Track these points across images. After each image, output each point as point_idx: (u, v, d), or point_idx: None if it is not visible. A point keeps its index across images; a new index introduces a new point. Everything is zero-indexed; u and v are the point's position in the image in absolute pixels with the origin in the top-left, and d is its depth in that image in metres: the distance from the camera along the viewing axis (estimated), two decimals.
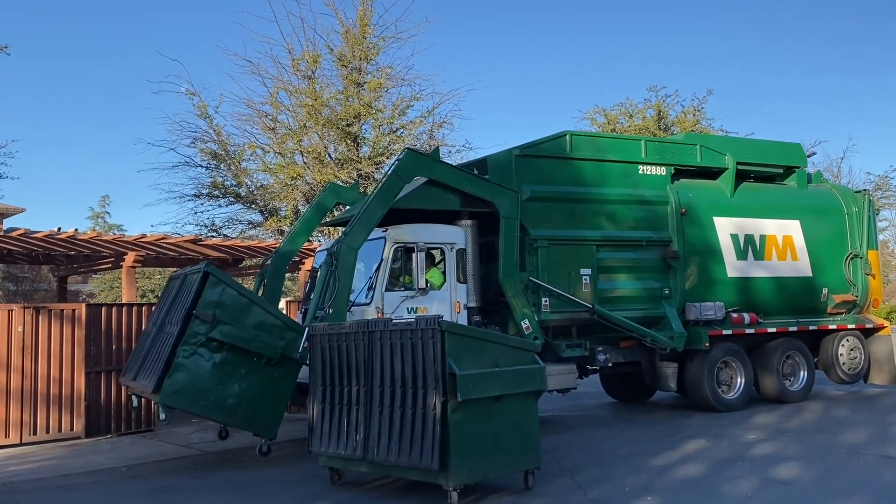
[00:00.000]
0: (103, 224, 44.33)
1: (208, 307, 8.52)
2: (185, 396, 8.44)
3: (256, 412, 8.76)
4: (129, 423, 11.77)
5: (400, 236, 10.14)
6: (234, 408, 8.66)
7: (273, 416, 8.88)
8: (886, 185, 45.38)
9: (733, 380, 12.54)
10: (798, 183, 14.20)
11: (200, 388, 8.48)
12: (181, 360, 8.40)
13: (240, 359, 8.67)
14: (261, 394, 8.76)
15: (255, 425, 8.86)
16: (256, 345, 8.70)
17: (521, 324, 10.53)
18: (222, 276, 8.85)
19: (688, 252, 12.32)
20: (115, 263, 14.59)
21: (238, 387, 8.66)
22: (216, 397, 8.55)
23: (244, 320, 8.71)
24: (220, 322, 8.53)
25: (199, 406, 8.58)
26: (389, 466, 7.03)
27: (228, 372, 8.61)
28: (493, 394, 6.92)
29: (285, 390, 8.97)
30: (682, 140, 13.58)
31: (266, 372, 8.79)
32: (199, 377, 8.47)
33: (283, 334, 8.86)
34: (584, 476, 7.96)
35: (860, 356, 13.80)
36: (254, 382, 8.73)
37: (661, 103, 32.47)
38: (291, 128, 22.03)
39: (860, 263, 14.01)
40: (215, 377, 8.55)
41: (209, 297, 8.56)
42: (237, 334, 8.61)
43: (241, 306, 8.74)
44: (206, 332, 8.48)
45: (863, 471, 7.88)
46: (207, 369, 8.52)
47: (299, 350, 8.70)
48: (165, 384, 8.33)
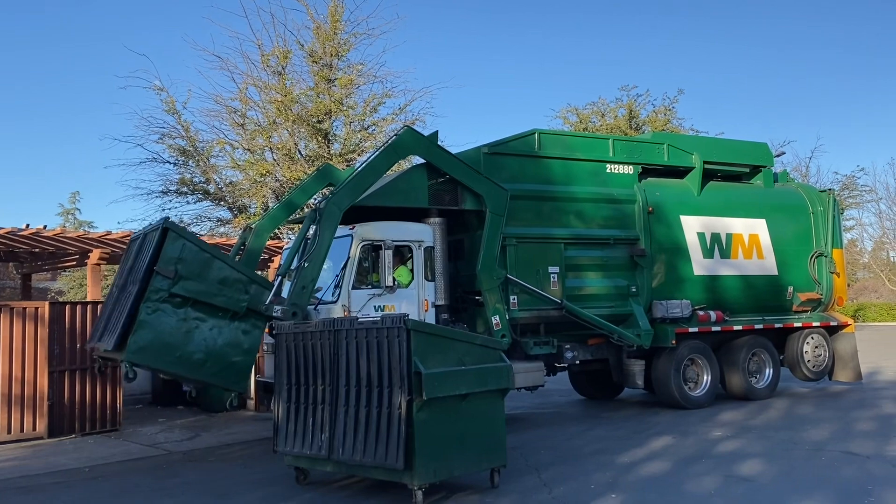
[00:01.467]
0: (73, 221, 43.76)
1: (169, 262, 8.33)
2: (150, 353, 8.26)
3: (224, 367, 8.65)
4: (93, 422, 11.59)
5: (367, 234, 10.09)
6: (201, 363, 8.50)
7: (241, 370, 8.78)
8: (853, 184, 46.18)
9: (700, 377, 12.65)
10: (764, 182, 14.36)
11: (166, 344, 8.32)
12: (144, 317, 8.20)
13: (204, 314, 8.53)
14: (228, 348, 8.65)
15: (223, 379, 8.73)
16: (220, 299, 8.59)
17: (492, 319, 10.55)
18: (182, 231, 8.75)
19: (655, 250, 12.41)
20: (80, 261, 14.37)
21: (204, 342, 8.53)
22: (182, 353, 8.39)
23: (207, 275, 8.56)
24: (181, 277, 8.37)
25: (166, 362, 8.40)
26: (355, 466, 7.00)
27: (193, 327, 8.47)
28: (458, 392, 6.91)
29: (252, 344, 8.91)
30: (649, 139, 13.67)
31: (232, 326, 8.68)
32: (163, 333, 8.30)
33: (248, 288, 8.76)
34: (550, 474, 7.98)
35: (825, 354, 13.98)
36: (220, 337, 8.61)
37: (633, 103, 32.77)
38: (261, 124, 21.90)
39: (825, 262, 14.19)
40: (180, 333, 8.39)
41: (170, 253, 8.37)
42: (200, 289, 8.47)
43: (202, 261, 8.58)
44: (169, 288, 8.31)
45: (825, 467, 7.98)
46: (172, 325, 8.35)
47: (265, 303, 8.65)
48: (130, 341, 8.14)
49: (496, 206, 10.83)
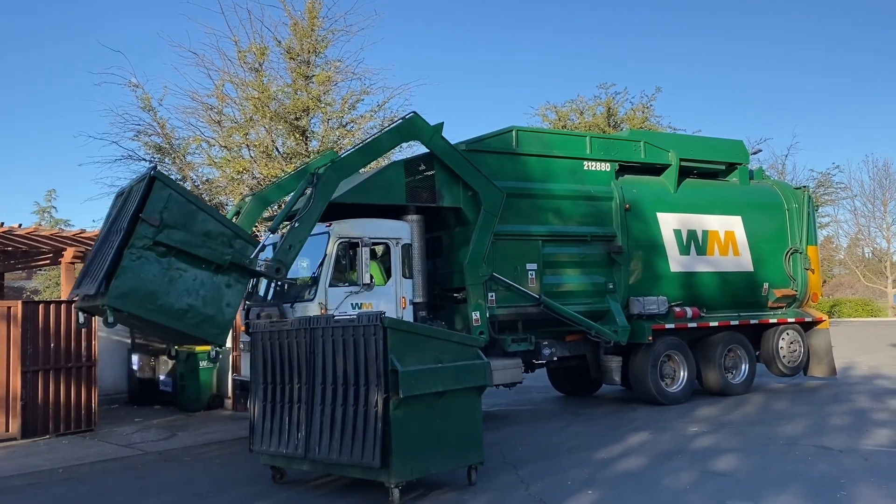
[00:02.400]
0: (49, 219, 43.27)
1: (155, 211, 8.24)
2: (132, 299, 8.14)
3: (205, 319, 8.55)
4: (67, 423, 11.46)
5: (344, 231, 10.05)
6: (182, 313, 8.41)
7: (221, 323, 8.71)
8: (829, 181, 46.64)
9: (676, 373, 12.73)
10: (740, 179, 14.46)
11: (148, 291, 8.22)
12: (128, 263, 8.10)
13: (188, 264, 8.47)
14: (210, 300, 8.58)
15: (204, 331, 8.63)
16: (204, 251, 8.52)
17: (472, 314, 10.57)
18: (169, 181, 8.69)
19: (632, 247, 12.47)
20: (54, 259, 14.22)
21: (187, 292, 8.45)
22: (164, 302, 8.29)
23: (192, 226, 8.48)
24: (167, 226, 8.28)
25: (147, 310, 8.25)
26: (331, 464, 6.98)
27: (176, 277, 8.39)
28: (435, 390, 6.90)
29: (234, 298, 8.84)
30: (626, 137, 13.73)
31: (215, 279, 8.64)
32: (146, 281, 8.20)
33: (232, 242, 8.72)
34: (527, 470, 7.99)
35: (800, 349, 14.12)
36: (202, 289, 8.55)
37: (611, 100, 32.84)
38: (238, 121, 21.70)
39: (800, 259, 14.34)
40: (163, 282, 8.30)
41: (156, 201, 8.27)
42: (185, 239, 8.39)
43: (188, 212, 8.51)
44: (153, 236, 8.21)
45: (798, 462, 8.06)
46: (155, 273, 8.26)
47: (249, 258, 8.70)
48: (113, 286, 8.03)
49: (491, 204, 10.93)
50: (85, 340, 11.65)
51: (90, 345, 11.71)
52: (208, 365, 13.60)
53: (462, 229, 11.26)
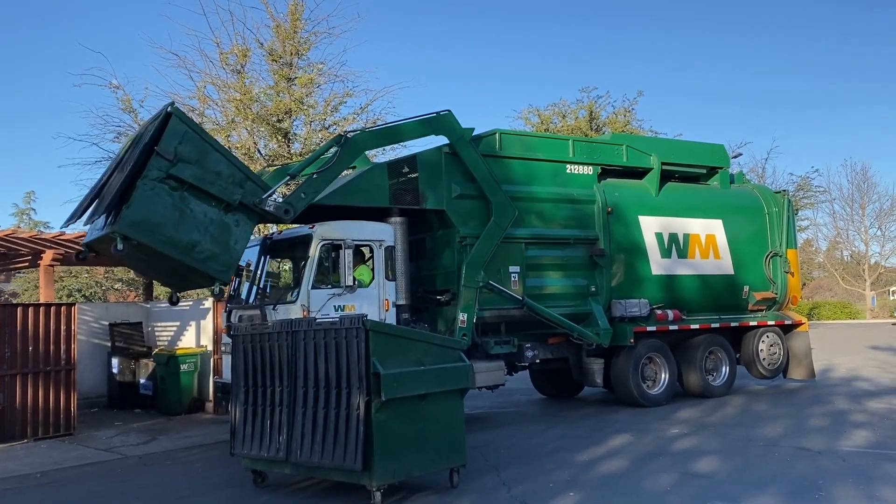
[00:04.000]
0: (28, 221, 42.79)
1: (170, 145, 8.40)
2: (143, 229, 8.30)
3: (212, 255, 8.76)
4: (46, 427, 11.34)
5: (327, 233, 10.02)
6: (190, 247, 8.59)
7: (228, 261, 8.93)
8: (808, 185, 47.11)
9: (658, 375, 12.80)
10: (721, 183, 14.57)
11: (159, 222, 8.38)
12: (140, 194, 8.25)
13: (199, 201, 8.66)
14: (218, 238, 8.79)
15: (210, 267, 8.77)
16: (216, 188, 8.71)
17: (461, 315, 10.61)
18: (186, 118, 8.87)
19: (614, 250, 12.52)
20: (33, 262, 14.05)
21: (196, 227, 8.64)
22: (173, 234, 8.46)
23: (205, 163, 8.67)
24: (181, 161, 8.45)
25: (157, 240, 8.40)
26: (313, 468, 6.95)
27: (187, 212, 8.57)
28: (417, 392, 6.89)
29: (241, 238, 9.08)
30: (608, 140, 13.79)
31: (224, 217, 8.86)
32: (157, 213, 8.38)
33: (243, 184, 8.93)
34: (509, 473, 8.00)
35: (779, 352, 14.23)
36: (211, 226, 8.76)
37: (593, 104, 33.02)
38: (219, 123, 21.60)
39: (780, 262, 14.45)
40: (174, 214, 8.48)
41: (172, 136, 8.45)
42: (197, 175, 8.57)
43: (203, 150, 8.70)
44: (167, 170, 8.38)
45: (778, 463, 8.12)
46: (166, 206, 8.43)
47: (259, 199, 8.93)
48: (125, 213, 8.16)
49: (502, 218, 11.20)
50: (64, 344, 11.54)
51: (69, 348, 11.60)
52: (189, 368, 13.54)
53: (445, 232, 11.28)
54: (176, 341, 14.81)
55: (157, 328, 15.46)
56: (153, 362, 14.02)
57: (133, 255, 8.86)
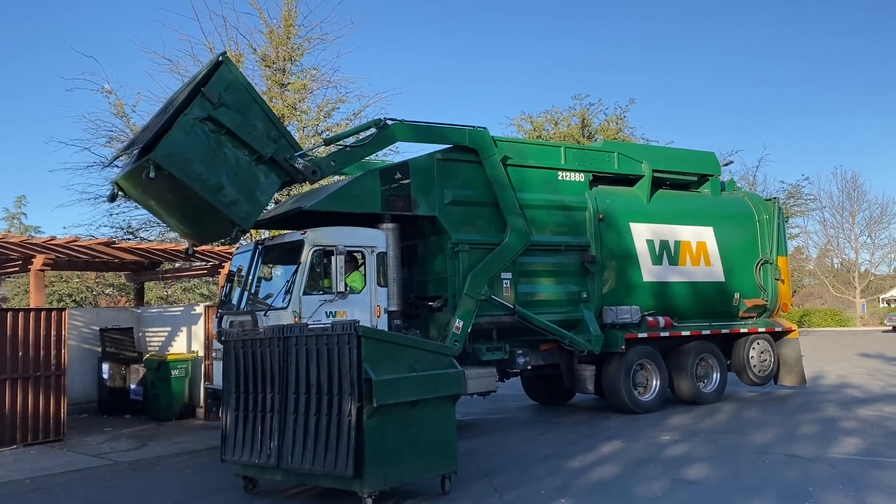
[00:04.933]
0: (19, 226, 42.61)
1: (217, 89, 8.82)
2: (176, 161, 8.57)
3: (237, 201, 9.08)
4: (35, 432, 11.26)
5: (319, 239, 10.01)
6: (218, 188, 8.90)
7: (250, 210, 9.27)
8: (798, 193, 47.34)
9: (649, 382, 12.82)
10: (712, 190, 14.62)
11: (192, 158, 8.70)
12: (180, 128, 8.62)
13: (233, 147, 9.02)
14: (245, 186, 9.13)
15: (233, 211, 9.07)
16: (252, 138, 9.07)
17: (457, 321, 10.62)
18: (236, 70, 9.25)
19: (605, 257, 12.55)
20: (24, 266, 13.97)
21: (226, 171, 8.96)
22: (203, 172, 8.77)
23: (246, 113, 9.08)
24: (223, 105, 8.85)
25: (187, 175, 8.67)
26: (304, 474, 6.94)
27: (220, 156, 8.92)
28: (409, 399, 6.89)
29: (267, 191, 9.46)
30: (600, 147, 13.82)
31: (254, 168, 9.23)
32: (192, 148, 8.70)
33: (278, 140, 9.33)
34: (501, 479, 8.00)
35: (770, 359, 14.28)
36: (241, 173, 9.09)
37: (585, 111, 33.16)
38: None
39: (770, 269, 14.51)
40: (208, 154, 8.81)
41: (219, 81, 8.88)
42: (237, 122, 8.96)
43: (246, 101, 9.13)
44: (209, 112, 8.77)
45: (769, 470, 8.15)
46: (202, 144, 8.79)
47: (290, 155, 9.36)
48: (162, 143, 8.50)
49: (516, 242, 11.39)
50: (54, 349, 11.48)
51: (60, 353, 11.54)
52: (180, 374, 13.49)
53: (437, 238, 11.28)
54: (167, 347, 14.77)
55: (148, 333, 15.41)
56: (144, 368, 13.96)
57: (159, 189, 9.11)
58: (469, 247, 11.15)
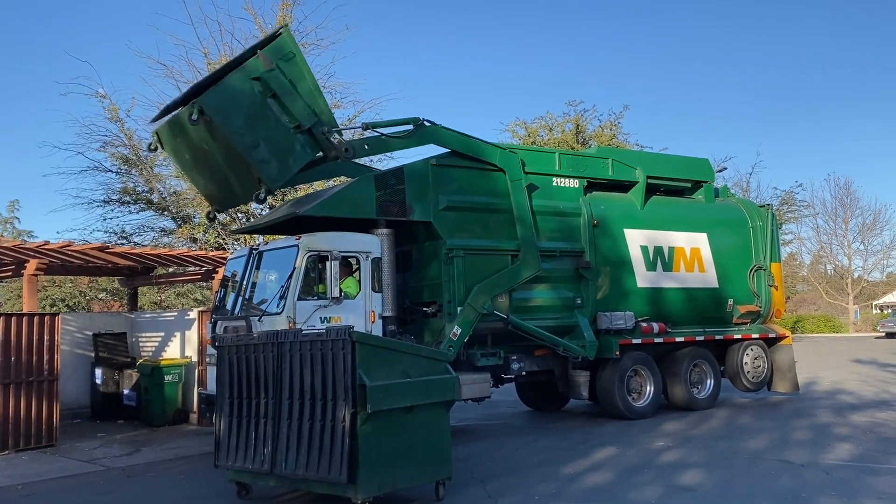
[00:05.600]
0: (12, 230, 42.48)
1: (274, 56, 9.46)
2: (220, 110, 9.11)
3: (269, 161, 9.54)
4: (27, 438, 11.21)
5: (314, 244, 10.00)
6: (254, 146, 9.37)
7: (279, 174, 9.74)
8: (792, 199, 47.47)
9: (643, 388, 12.83)
10: (705, 197, 14.66)
11: (236, 111, 9.25)
12: (231, 80, 9.25)
13: (276, 111, 9.51)
14: (280, 150, 9.61)
15: (265, 170, 9.52)
16: (296, 107, 9.59)
17: (455, 328, 10.68)
18: (293, 43, 9.92)
19: (600, 263, 12.56)
20: (17, 271, 13.91)
21: (265, 132, 9.46)
22: (243, 127, 9.29)
23: (295, 84, 9.66)
24: (276, 70, 9.44)
25: (228, 125, 9.20)
26: (298, 480, 6.92)
27: (263, 117, 9.43)
28: (404, 404, 6.88)
29: (300, 159, 9.93)
30: (594, 154, 13.84)
31: (293, 135, 9.69)
32: (238, 102, 9.28)
33: (321, 115, 9.87)
34: (495, 485, 7.99)
35: (763, 365, 14.31)
36: (279, 136, 9.58)
37: (580, 117, 33.21)
38: None
39: (764, 275, 14.55)
40: (251, 112, 9.35)
41: (278, 49, 9.57)
42: (285, 90, 9.52)
43: (299, 75, 9.76)
44: (261, 73, 9.36)
45: (762, 476, 8.16)
46: (248, 101, 9.32)
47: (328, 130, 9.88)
48: (211, 90, 9.19)
49: (526, 269, 11.57)
50: (47, 354, 11.44)
51: (52, 358, 11.50)
52: (173, 379, 13.46)
53: (432, 243, 11.28)
54: (160, 352, 14.72)
55: (142, 339, 15.37)
56: (137, 373, 13.92)
57: (197, 140, 9.62)
58: (464, 252, 11.14)
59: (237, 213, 21.39)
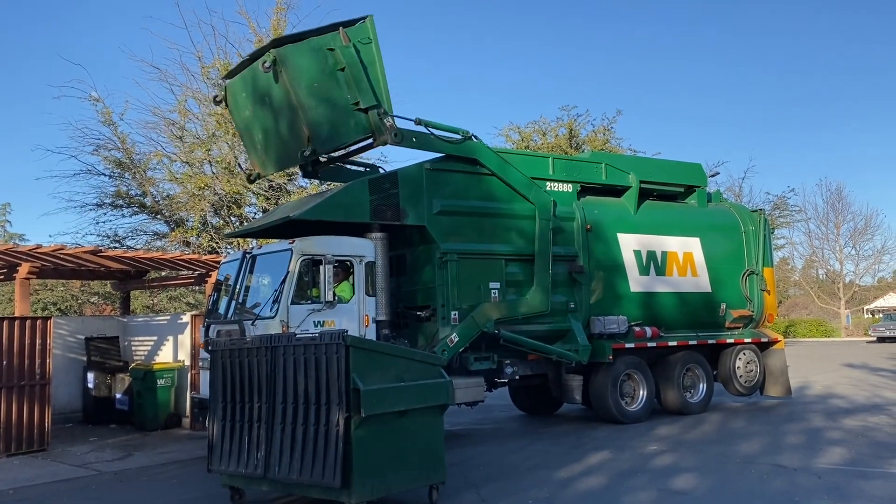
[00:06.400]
0: (3, 233, 42.34)
1: (354, 36, 10.29)
2: (294, 66, 9.98)
3: (324, 123, 10.27)
4: (19, 442, 11.14)
5: (307, 248, 9.99)
6: (313, 107, 10.07)
7: (328, 140, 10.41)
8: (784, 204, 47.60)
9: (636, 392, 12.85)
10: (698, 202, 14.71)
11: (306, 70, 10.13)
12: (309, 42, 10.17)
13: (342, 83, 10.23)
14: (335, 119, 10.33)
15: (315, 131, 10.17)
16: (360, 86, 10.22)
17: (452, 334, 10.77)
18: (374, 33, 10.62)
19: (593, 267, 12.59)
20: (9, 275, 13.85)
21: (325, 100, 10.22)
22: (308, 87, 10.08)
23: (365, 68, 10.35)
24: (351, 48, 10.24)
25: (297, 81, 10.00)
26: (291, 484, 6.90)
27: (329, 83, 10.21)
28: (397, 409, 6.87)
29: (348, 134, 10.58)
30: (588, 158, 13.88)
31: (350, 113, 10.36)
32: (310, 65, 10.14)
33: (380, 100, 10.43)
34: (488, 490, 7.99)
35: (756, 369, 14.35)
36: (336, 107, 10.30)
37: (573, 122, 33.23)
38: (200, 137, 21.55)
39: (756, 280, 14.60)
40: (320, 78, 10.17)
41: (359, 31, 10.40)
42: (355, 67, 10.24)
43: (370, 59, 10.45)
44: (337, 46, 10.14)
45: (755, 480, 8.17)
46: (318, 67, 10.14)
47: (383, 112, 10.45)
48: (290, 46, 10.10)
49: (538, 302, 11.79)
50: (39, 358, 11.39)
51: (44, 362, 11.45)
52: (166, 383, 13.41)
53: (426, 247, 11.29)
54: (153, 356, 14.68)
55: (134, 342, 15.32)
56: (129, 377, 13.87)
57: (261, 95, 10.41)
58: (458, 256, 11.16)
59: (230, 216, 21.36)
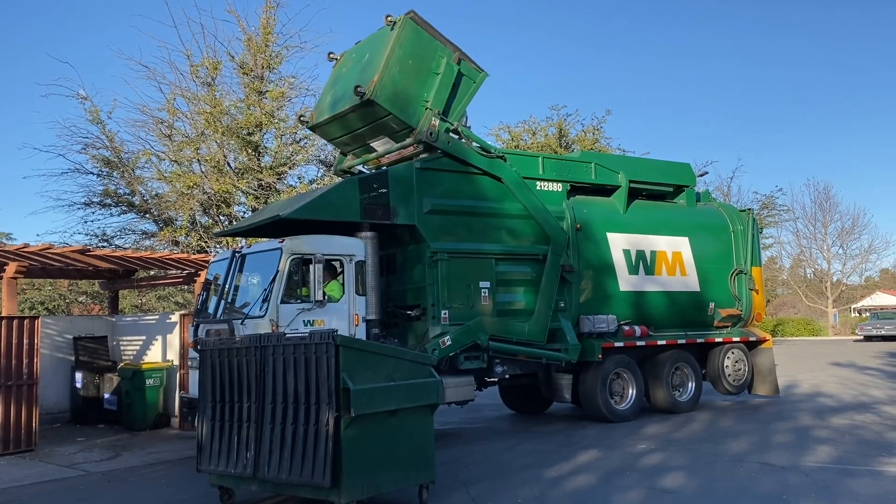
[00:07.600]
0: None
1: (466, 60, 11.65)
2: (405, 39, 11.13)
3: (400, 94, 11.03)
4: (5, 443, 11.08)
5: (297, 247, 9.97)
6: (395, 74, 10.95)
7: (391, 104, 10.93)
8: (772, 204, 47.85)
9: (625, 391, 12.88)
10: (687, 201, 14.77)
11: (410, 50, 11.15)
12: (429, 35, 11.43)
13: (429, 83, 11.27)
14: (406, 101, 11.07)
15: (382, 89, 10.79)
16: (440, 96, 11.28)
17: (445, 337, 10.81)
18: (481, 73, 12.01)
19: (582, 266, 12.62)
20: None
21: (409, 81, 11.10)
22: (402, 62, 11.02)
23: (458, 88, 11.65)
24: (456, 67, 11.50)
25: (399, 50, 10.99)
26: (281, 484, 6.89)
27: (420, 75, 11.19)
28: (387, 408, 6.87)
29: (406, 117, 11.13)
30: (577, 158, 13.90)
31: (419, 106, 11.14)
32: (416, 48, 11.22)
33: (449, 114, 11.46)
34: (478, 489, 8.00)
35: (744, 368, 14.41)
36: (411, 95, 11.13)
37: (563, 122, 33.33)
38: (189, 135, 21.47)
39: (744, 279, 14.66)
40: (416, 66, 11.18)
41: (472, 63, 11.75)
42: (449, 81, 11.41)
43: (466, 88, 11.80)
44: (448, 56, 11.40)
45: (744, 479, 8.21)
46: (421, 57, 11.25)
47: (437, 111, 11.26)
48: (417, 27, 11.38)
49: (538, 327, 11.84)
50: (27, 357, 11.32)
51: (32, 362, 11.38)
52: (154, 383, 13.36)
53: (416, 247, 11.28)
54: (142, 356, 14.61)
55: (123, 342, 15.25)
56: (118, 377, 13.81)
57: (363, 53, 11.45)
58: (448, 255, 11.16)
59: (219, 215, 21.29)
